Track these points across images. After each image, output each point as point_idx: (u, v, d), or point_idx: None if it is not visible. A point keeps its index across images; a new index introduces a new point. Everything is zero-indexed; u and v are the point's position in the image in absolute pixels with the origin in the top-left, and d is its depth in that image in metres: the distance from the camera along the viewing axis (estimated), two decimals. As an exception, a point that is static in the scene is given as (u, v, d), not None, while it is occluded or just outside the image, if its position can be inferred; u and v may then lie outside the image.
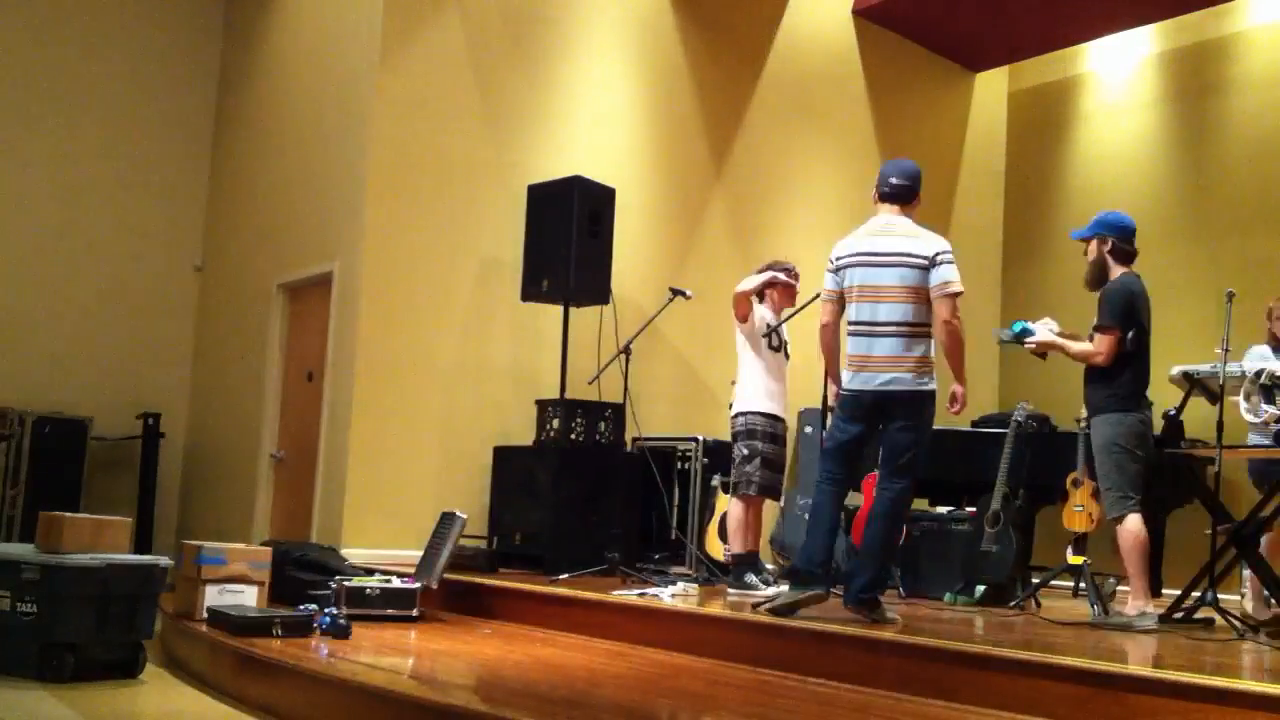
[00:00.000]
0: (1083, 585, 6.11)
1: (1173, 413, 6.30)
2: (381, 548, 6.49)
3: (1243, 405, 5.32)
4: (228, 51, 9.15)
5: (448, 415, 7.10)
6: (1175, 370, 6.34)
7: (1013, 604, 5.86)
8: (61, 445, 7.79)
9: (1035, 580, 6.31)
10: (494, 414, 7.28)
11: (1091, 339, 5.06)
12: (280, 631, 4.60)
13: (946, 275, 4.56)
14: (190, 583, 5.06)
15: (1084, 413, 6.01)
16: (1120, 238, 5.10)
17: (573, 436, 6.69)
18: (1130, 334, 4.95)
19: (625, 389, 6.52)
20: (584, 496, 6.50)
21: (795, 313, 6.13)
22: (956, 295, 4.57)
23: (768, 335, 5.91)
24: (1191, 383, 5.96)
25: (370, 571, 5.77)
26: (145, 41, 8.80)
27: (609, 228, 6.91)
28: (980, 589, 6.08)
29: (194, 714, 4.11)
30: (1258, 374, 5.34)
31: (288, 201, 7.99)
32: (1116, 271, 5.07)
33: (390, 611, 5.24)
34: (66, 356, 8.28)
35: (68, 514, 4.68)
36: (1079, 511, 6.05)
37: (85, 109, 8.49)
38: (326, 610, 4.91)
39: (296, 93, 8.10)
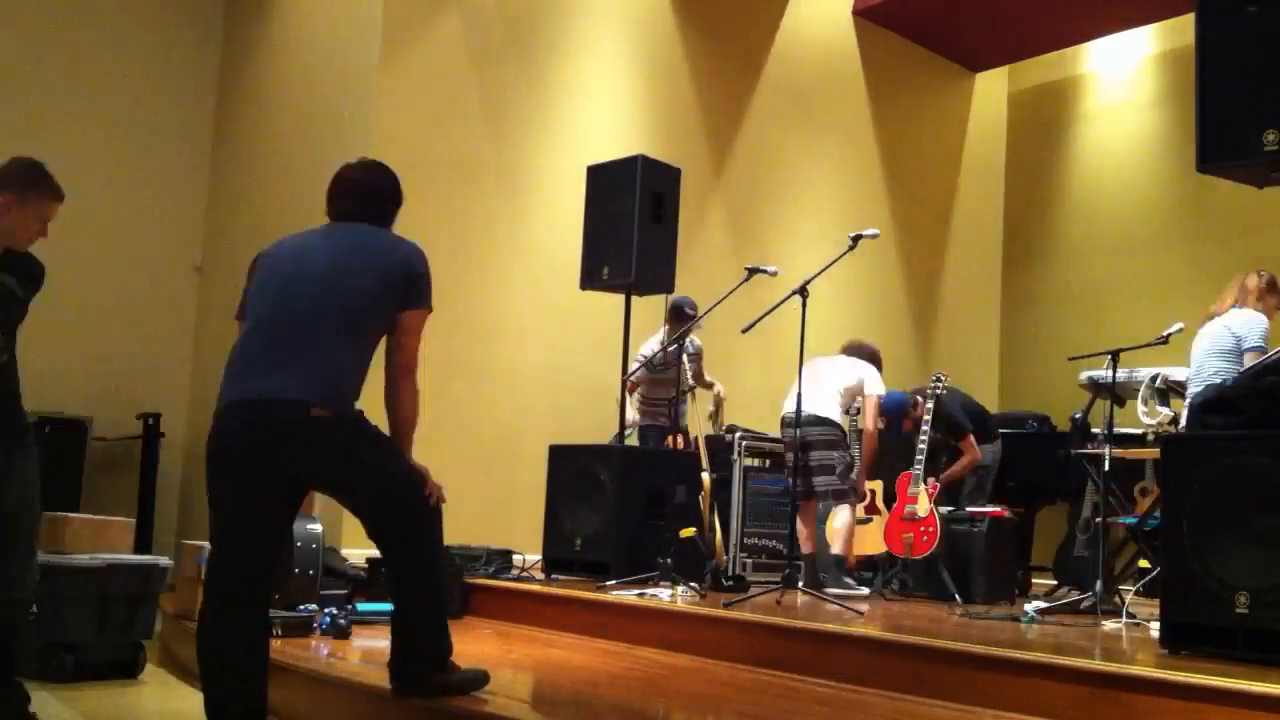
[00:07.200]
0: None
1: (1078, 416, 6.64)
2: (381, 548, 6.49)
3: (1140, 408, 5.65)
4: (228, 51, 9.14)
5: (446, 415, 7.09)
6: (1083, 376, 6.67)
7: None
8: (61, 445, 7.75)
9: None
10: (493, 414, 7.27)
11: None
12: (280, 631, 4.60)
13: None
14: (190, 583, 5.04)
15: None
16: None
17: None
18: None
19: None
20: (649, 498, 5.94)
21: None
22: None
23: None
24: (1097, 388, 6.30)
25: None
26: (145, 41, 8.78)
27: (674, 211, 6.32)
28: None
29: (194, 714, 4.10)
30: (1153, 379, 5.66)
31: (288, 201, 7.98)
32: None
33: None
34: (66, 356, 8.25)
35: (71, 515, 4.68)
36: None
37: (85, 109, 8.47)
38: (326, 610, 4.91)
39: (297, 93, 8.09)
